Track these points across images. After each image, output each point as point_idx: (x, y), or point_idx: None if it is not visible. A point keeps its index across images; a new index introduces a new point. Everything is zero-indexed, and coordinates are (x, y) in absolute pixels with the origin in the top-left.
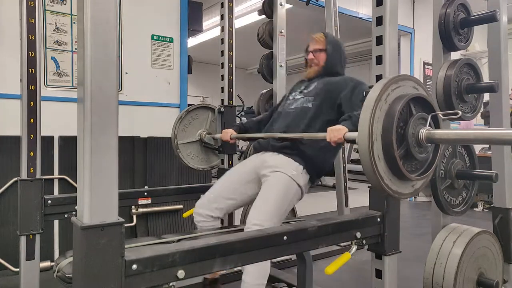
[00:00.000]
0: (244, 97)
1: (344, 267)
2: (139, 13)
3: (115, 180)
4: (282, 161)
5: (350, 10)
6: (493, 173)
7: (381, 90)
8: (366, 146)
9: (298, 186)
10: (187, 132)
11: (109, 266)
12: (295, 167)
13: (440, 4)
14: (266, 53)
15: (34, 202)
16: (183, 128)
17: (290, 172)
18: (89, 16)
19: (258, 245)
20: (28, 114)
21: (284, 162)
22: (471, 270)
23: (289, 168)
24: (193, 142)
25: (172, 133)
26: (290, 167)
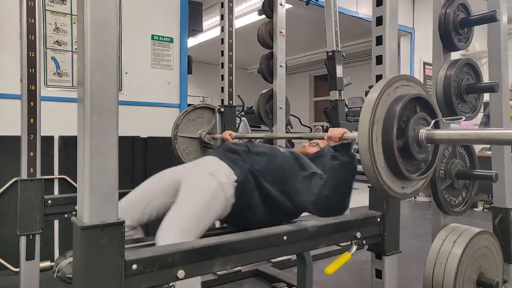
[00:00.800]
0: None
1: (344, 267)
2: (139, 13)
3: (115, 180)
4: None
5: (350, 10)
6: (493, 173)
7: (381, 91)
8: (366, 146)
9: (225, 197)
10: (189, 127)
11: (109, 266)
12: (226, 174)
13: (440, 4)
14: (266, 53)
15: (34, 202)
16: (186, 122)
17: (219, 178)
18: (89, 16)
19: (258, 245)
20: (28, 114)
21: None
22: (471, 270)
23: (221, 173)
24: (192, 139)
25: (174, 123)
26: (223, 172)
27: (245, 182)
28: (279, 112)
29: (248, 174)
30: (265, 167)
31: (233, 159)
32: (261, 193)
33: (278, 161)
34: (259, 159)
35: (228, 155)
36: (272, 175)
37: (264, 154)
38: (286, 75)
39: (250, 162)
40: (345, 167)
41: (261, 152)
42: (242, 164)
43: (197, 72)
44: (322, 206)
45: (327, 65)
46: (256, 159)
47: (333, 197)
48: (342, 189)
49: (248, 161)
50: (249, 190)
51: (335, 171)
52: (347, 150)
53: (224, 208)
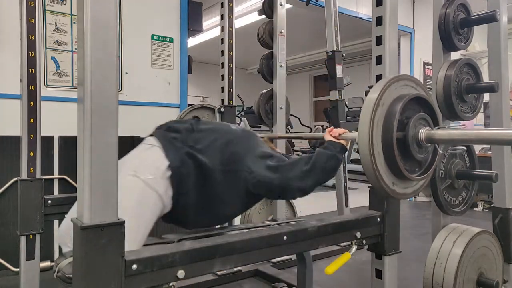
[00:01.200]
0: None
1: (344, 267)
2: (139, 13)
3: (115, 180)
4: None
5: (350, 10)
6: (493, 173)
7: (381, 91)
8: (366, 146)
9: (158, 195)
10: None
11: (109, 266)
12: (154, 165)
13: (440, 4)
14: (266, 53)
15: (34, 202)
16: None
17: (143, 177)
18: (89, 16)
19: (258, 245)
20: (28, 114)
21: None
22: (471, 270)
23: (147, 168)
24: None
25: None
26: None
27: (181, 167)
28: (279, 112)
29: (185, 157)
30: (209, 145)
31: (171, 140)
32: (203, 176)
33: (227, 138)
34: (202, 137)
35: (166, 135)
36: (219, 154)
37: (209, 131)
38: (286, 75)
39: (191, 141)
40: (333, 159)
41: (207, 129)
42: (180, 146)
43: (197, 72)
44: (295, 185)
45: (327, 65)
46: (200, 137)
47: (311, 178)
48: (319, 174)
49: (189, 140)
50: (187, 175)
51: (323, 157)
52: (342, 150)
53: (163, 204)
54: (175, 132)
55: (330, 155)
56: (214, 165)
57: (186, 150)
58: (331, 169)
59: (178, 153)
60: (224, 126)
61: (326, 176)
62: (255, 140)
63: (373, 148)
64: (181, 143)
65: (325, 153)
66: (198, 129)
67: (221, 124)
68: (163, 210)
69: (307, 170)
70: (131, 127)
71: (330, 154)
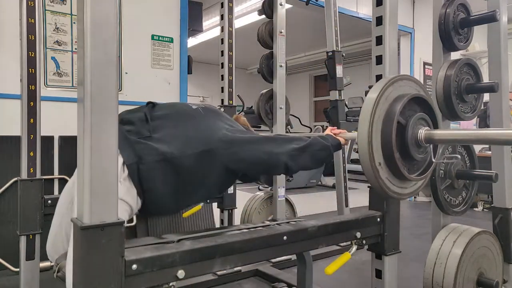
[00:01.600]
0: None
1: (344, 267)
2: (139, 13)
3: (115, 180)
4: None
5: (350, 10)
6: (493, 173)
7: (380, 91)
8: (366, 146)
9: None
10: None
11: (109, 266)
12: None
13: (440, 4)
14: (266, 53)
15: (34, 202)
16: None
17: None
18: (89, 16)
19: (258, 245)
20: (28, 114)
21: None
22: (471, 270)
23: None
24: None
25: None
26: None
27: (139, 162)
28: (279, 112)
29: (142, 150)
30: (170, 132)
31: (124, 134)
32: (169, 166)
33: (188, 119)
34: (160, 124)
35: (120, 128)
36: (183, 138)
37: (167, 117)
38: (286, 75)
39: (147, 132)
40: (326, 151)
41: (164, 115)
42: (134, 139)
43: (197, 72)
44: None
45: (327, 65)
46: (156, 125)
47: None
48: (308, 159)
49: (144, 131)
50: (148, 170)
51: (318, 144)
52: (337, 146)
53: (129, 207)
54: (128, 124)
55: (324, 145)
56: (180, 151)
57: (143, 142)
58: (321, 159)
59: (133, 147)
60: (181, 107)
61: (314, 163)
62: (221, 115)
63: (373, 148)
64: (135, 136)
65: (320, 141)
66: (154, 117)
67: (179, 105)
68: (131, 212)
69: (298, 149)
70: None
71: (325, 145)
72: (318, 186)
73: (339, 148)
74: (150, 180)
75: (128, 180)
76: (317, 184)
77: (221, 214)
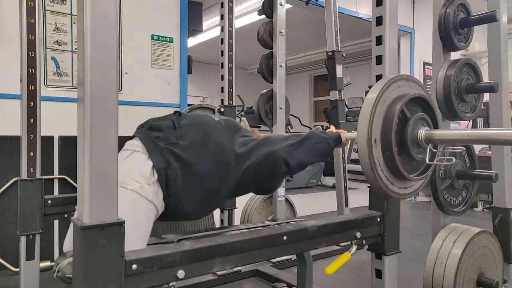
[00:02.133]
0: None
1: (344, 267)
2: (139, 13)
3: (115, 180)
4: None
5: (350, 10)
6: (493, 173)
7: (380, 91)
8: (365, 146)
9: (149, 201)
10: None
11: (109, 266)
12: (139, 171)
13: (440, 4)
14: (266, 53)
15: (34, 202)
16: None
17: (130, 187)
18: (89, 16)
19: (258, 245)
20: (28, 114)
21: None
22: (471, 270)
23: (132, 176)
24: None
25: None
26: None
27: (167, 167)
28: (279, 112)
29: (170, 156)
30: (193, 140)
31: (153, 140)
32: (190, 173)
33: (208, 131)
34: (185, 132)
35: (148, 135)
36: (203, 148)
37: (191, 126)
38: (286, 75)
39: (174, 139)
40: (324, 143)
41: (188, 123)
42: (163, 145)
43: (197, 72)
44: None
45: (327, 65)
46: (182, 132)
47: (297, 155)
48: (306, 153)
49: (172, 138)
50: (175, 175)
51: (314, 138)
52: (336, 139)
53: (156, 209)
54: (157, 130)
55: (322, 137)
56: (200, 159)
57: (170, 149)
58: (320, 152)
59: (162, 153)
60: (205, 118)
61: (313, 157)
62: (241, 129)
63: (372, 148)
64: (164, 142)
65: (317, 135)
66: (180, 125)
67: (202, 116)
68: (157, 214)
69: (293, 144)
70: (131, 127)
71: (322, 137)
72: (318, 186)
73: (339, 141)
74: (175, 185)
75: (157, 184)
76: (317, 184)
77: (221, 214)
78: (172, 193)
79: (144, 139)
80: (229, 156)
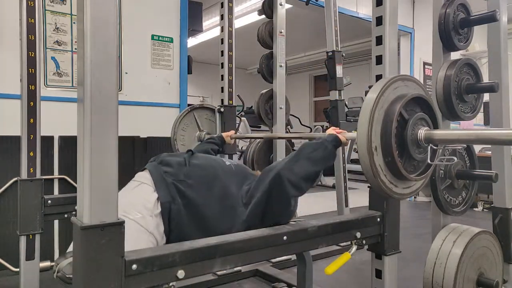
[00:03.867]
0: (244, 97)
1: (344, 267)
2: (139, 13)
3: (115, 180)
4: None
5: (350, 10)
6: (493, 173)
7: (380, 90)
8: (365, 146)
9: (149, 233)
10: (189, 126)
11: (109, 266)
12: (143, 202)
13: (440, 4)
14: (266, 53)
15: (34, 202)
16: (186, 121)
17: (132, 216)
18: (89, 16)
19: (258, 245)
20: (28, 114)
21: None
22: (471, 270)
23: (136, 206)
24: (191, 137)
25: (175, 121)
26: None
27: (171, 202)
28: (279, 112)
29: (175, 192)
30: (200, 181)
31: (162, 174)
32: (194, 212)
33: (216, 174)
34: (194, 172)
35: (158, 169)
36: (210, 190)
37: (201, 166)
38: (286, 75)
39: (182, 176)
40: (321, 148)
41: (199, 164)
42: (170, 181)
43: (197, 72)
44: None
45: (327, 65)
46: (191, 171)
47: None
48: (306, 164)
49: (181, 175)
50: (178, 211)
51: (309, 147)
52: (334, 141)
53: (156, 241)
54: (167, 166)
55: (316, 144)
56: (205, 200)
57: (176, 185)
58: (320, 158)
59: (169, 188)
60: (216, 161)
61: (315, 165)
62: (251, 174)
63: (372, 148)
64: (171, 178)
65: (310, 143)
66: (191, 163)
67: (214, 158)
68: (156, 245)
69: (291, 160)
70: (131, 127)
71: (316, 144)
72: (318, 186)
73: (337, 141)
74: (177, 220)
75: (159, 216)
76: (317, 184)
77: None
78: (174, 229)
79: (153, 172)
80: (235, 202)
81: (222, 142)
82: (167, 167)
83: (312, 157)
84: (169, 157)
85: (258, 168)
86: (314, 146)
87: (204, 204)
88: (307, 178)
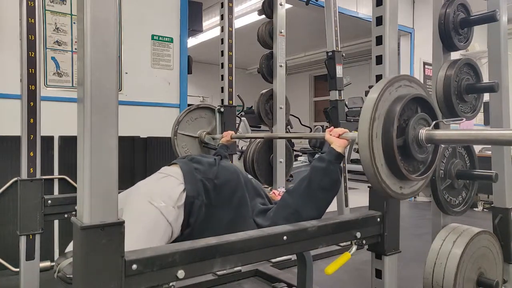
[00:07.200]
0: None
1: (344, 267)
2: (139, 13)
3: (115, 180)
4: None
5: (350, 10)
6: (493, 173)
7: (380, 91)
8: (366, 146)
9: (168, 223)
10: (190, 126)
11: (109, 266)
12: (168, 195)
13: (440, 4)
14: (266, 53)
15: (34, 202)
16: (187, 120)
17: (157, 204)
18: (89, 16)
19: (258, 245)
20: (28, 114)
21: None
22: (471, 270)
23: (162, 195)
24: (191, 137)
25: (175, 120)
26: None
27: (196, 197)
28: (279, 112)
29: (201, 189)
30: (224, 183)
31: (193, 169)
32: (210, 212)
33: (238, 181)
34: (221, 173)
35: (189, 164)
36: (229, 194)
37: (227, 170)
38: (286, 75)
39: (211, 175)
40: (329, 172)
41: (226, 167)
42: (200, 177)
43: (197, 72)
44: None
45: (327, 65)
46: (219, 171)
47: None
48: (320, 194)
49: (210, 174)
50: (199, 207)
51: (319, 174)
52: (337, 159)
53: (172, 232)
54: (198, 163)
55: (322, 169)
56: (225, 204)
57: (204, 183)
58: (329, 182)
59: (197, 183)
60: (241, 170)
61: (326, 192)
62: (261, 191)
63: (373, 148)
64: (201, 175)
65: (317, 169)
66: (220, 165)
67: (238, 168)
68: (171, 237)
69: (302, 194)
70: (131, 127)
71: (322, 168)
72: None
73: (339, 156)
74: (196, 216)
75: (182, 208)
76: None
77: None
78: (191, 223)
79: (184, 167)
80: (247, 212)
81: (226, 149)
82: (198, 165)
83: (323, 185)
84: (200, 157)
85: (258, 168)
86: (321, 173)
87: (223, 208)
88: (324, 207)
